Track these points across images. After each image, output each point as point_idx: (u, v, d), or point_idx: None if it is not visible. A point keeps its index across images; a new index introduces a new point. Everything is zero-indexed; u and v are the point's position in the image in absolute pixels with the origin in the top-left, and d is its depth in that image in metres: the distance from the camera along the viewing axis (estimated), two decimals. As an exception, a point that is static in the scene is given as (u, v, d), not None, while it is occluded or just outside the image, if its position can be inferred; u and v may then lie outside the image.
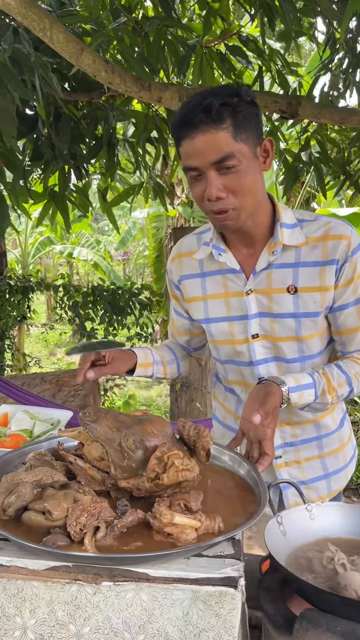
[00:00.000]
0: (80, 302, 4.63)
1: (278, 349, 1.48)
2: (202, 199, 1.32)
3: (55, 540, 1.01)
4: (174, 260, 1.61)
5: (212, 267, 1.52)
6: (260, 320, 1.47)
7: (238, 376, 1.57)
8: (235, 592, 0.95)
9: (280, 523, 1.24)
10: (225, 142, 1.25)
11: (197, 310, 1.57)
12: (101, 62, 2.36)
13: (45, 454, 1.31)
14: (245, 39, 3.48)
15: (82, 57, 2.33)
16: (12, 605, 1.00)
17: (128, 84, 2.43)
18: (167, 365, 1.68)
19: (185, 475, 1.11)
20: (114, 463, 1.16)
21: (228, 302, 1.50)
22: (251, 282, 1.46)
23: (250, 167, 1.30)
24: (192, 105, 1.27)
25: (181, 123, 1.28)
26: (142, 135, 4.16)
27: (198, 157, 1.27)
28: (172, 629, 0.98)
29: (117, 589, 0.98)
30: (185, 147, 1.29)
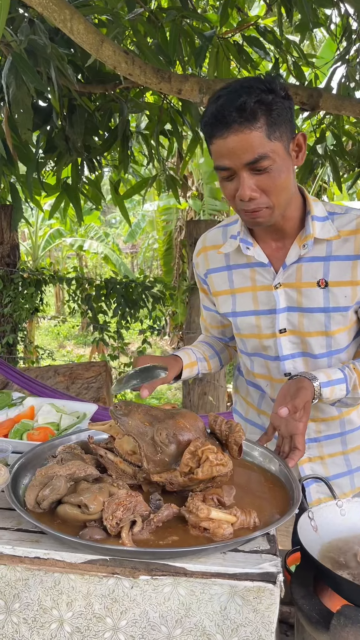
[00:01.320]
0: (93, 295, 4.63)
1: (306, 344, 1.46)
2: (234, 197, 1.30)
3: (92, 533, 1.01)
4: (199, 254, 1.59)
5: (239, 261, 1.50)
6: (288, 315, 1.45)
7: (264, 370, 1.56)
8: (274, 587, 0.95)
9: (312, 519, 1.24)
10: (259, 143, 1.21)
11: (224, 303, 1.56)
12: (121, 54, 2.34)
13: (74, 447, 1.31)
14: (263, 29, 3.45)
15: (102, 49, 2.31)
16: (49, 598, 1.01)
17: (148, 75, 2.41)
18: (210, 360, 1.67)
19: (219, 470, 1.10)
20: (146, 457, 1.16)
21: (256, 296, 1.48)
22: (280, 275, 1.43)
23: (284, 165, 1.26)
24: (224, 103, 1.22)
25: (213, 121, 1.24)
26: (156, 127, 4.13)
27: (231, 157, 1.23)
28: (209, 624, 0.98)
29: (155, 583, 0.98)
30: (217, 147, 1.25)
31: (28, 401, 1.64)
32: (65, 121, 4.00)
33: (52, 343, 10.74)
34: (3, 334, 4.75)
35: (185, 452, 1.13)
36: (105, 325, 4.78)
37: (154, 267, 13.59)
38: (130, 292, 4.58)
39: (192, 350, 1.64)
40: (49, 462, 1.25)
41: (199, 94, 2.49)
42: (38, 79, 3.04)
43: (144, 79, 2.44)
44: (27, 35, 3.00)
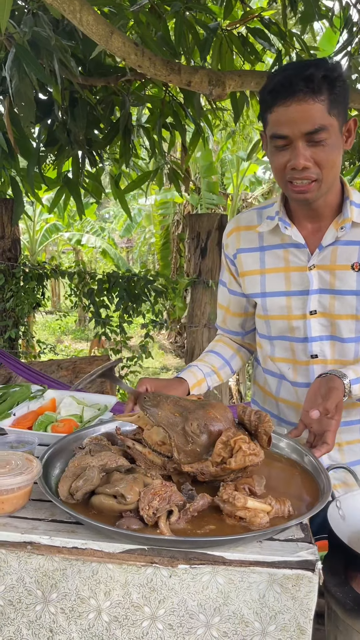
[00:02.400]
0: (95, 289, 4.61)
1: (335, 326, 1.47)
2: (284, 168, 1.32)
3: (129, 523, 1.01)
4: (230, 234, 1.60)
5: (272, 241, 1.51)
6: (320, 297, 1.47)
7: (287, 353, 1.56)
8: (312, 575, 0.96)
9: (339, 507, 1.25)
10: (320, 115, 1.25)
11: (252, 284, 1.56)
12: (131, 45, 2.33)
13: (101, 438, 1.31)
14: (268, 21, 3.43)
15: (112, 40, 2.30)
16: (87, 588, 1.01)
17: (157, 67, 2.40)
18: (220, 371, 1.67)
19: (252, 459, 1.11)
20: (177, 447, 1.16)
21: (288, 277, 1.49)
22: (315, 257, 1.45)
23: (337, 142, 1.31)
24: (291, 73, 1.26)
25: (278, 89, 1.27)
26: (158, 120, 4.11)
27: (290, 126, 1.26)
28: (247, 611, 0.98)
29: (193, 572, 0.98)
30: (278, 115, 1.28)
31: (48, 394, 1.63)
32: (66, 114, 3.97)
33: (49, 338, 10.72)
34: (5, 329, 4.73)
35: (217, 442, 1.13)
36: (107, 320, 4.77)
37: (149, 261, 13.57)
38: (133, 286, 4.57)
39: (198, 366, 1.63)
40: (76, 453, 1.25)
41: (208, 86, 2.48)
42: (42, 71, 3.01)
43: (154, 71, 2.43)
44: (31, 27, 2.98)
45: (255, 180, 10.42)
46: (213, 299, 4.64)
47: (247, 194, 10.11)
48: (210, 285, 4.53)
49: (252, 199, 9.84)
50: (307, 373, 1.54)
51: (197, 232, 4.58)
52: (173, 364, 9.47)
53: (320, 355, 1.50)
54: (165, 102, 4.07)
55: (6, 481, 1.04)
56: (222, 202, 9.26)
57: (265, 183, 10.25)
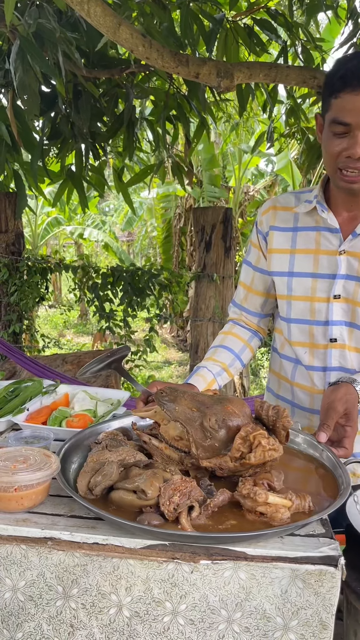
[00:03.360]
0: (99, 283, 4.60)
1: (355, 314, 1.49)
2: (338, 155, 1.34)
3: (150, 519, 1.01)
4: (266, 212, 1.63)
5: (307, 223, 1.54)
6: (345, 282, 1.49)
7: (305, 336, 1.57)
8: (335, 570, 0.95)
9: (357, 502, 1.24)
10: None
11: (279, 262, 1.58)
12: (139, 37, 2.31)
13: (116, 433, 1.30)
14: (274, 12, 3.40)
15: (119, 32, 2.28)
16: (108, 583, 1.01)
17: (165, 59, 2.38)
18: (230, 367, 1.67)
19: (271, 454, 1.10)
20: (195, 443, 1.15)
21: (317, 259, 1.52)
22: (347, 242, 1.48)
23: None
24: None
25: (348, 75, 1.28)
26: (162, 113, 4.09)
27: (355, 114, 1.28)
28: (269, 607, 0.98)
29: (215, 568, 0.98)
30: (344, 101, 1.29)
31: (61, 388, 1.63)
32: (70, 107, 3.94)
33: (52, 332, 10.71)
34: (9, 323, 4.72)
35: (236, 437, 1.12)
36: (111, 314, 4.75)
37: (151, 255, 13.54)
38: (137, 280, 4.56)
39: (207, 367, 1.63)
40: (93, 448, 1.25)
41: (217, 78, 2.46)
42: (46, 63, 2.99)
43: (162, 63, 2.41)
44: (36, 19, 2.95)
45: (257, 173, 10.38)
46: (218, 293, 4.63)
47: (249, 186, 10.07)
48: (214, 279, 4.52)
49: (254, 191, 9.80)
50: (324, 357, 1.55)
51: (202, 226, 4.56)
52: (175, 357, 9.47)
53: (340, 340, 1.52)
54: (169, 94, 4.04)
55: (26, 477, 1.04)
56: (224, 195, 9.22)
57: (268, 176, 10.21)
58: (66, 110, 3.98)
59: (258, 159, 9.52)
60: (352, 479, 1.54)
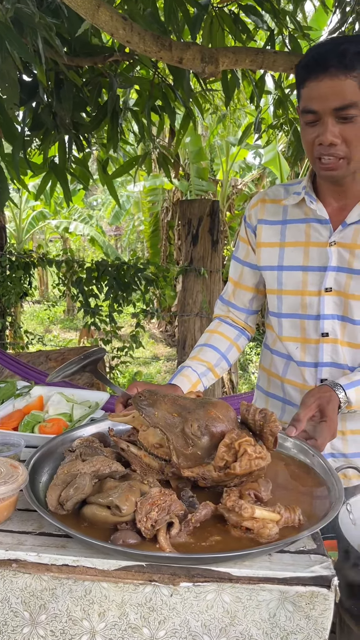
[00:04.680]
0: (84, 278, 4.49)
1: (347, 307, 1.44)
2: (313, 144, 1.31)
3: (125, 537, 0.92)
4: (255, 205, 1.59)
5: (296, 215, 1.50)
6: (336, 275, 1.44)
7: (297, 331, 1.52)
8: (328, 592, 0.87)
9: (350, 511, 1.17)
10: (351, 91, 1.24)
11: (269, 256, 1.53)
12: (119, 19, 2.20)
13: (92, 440, 1.21)
14: (260, -3, 3.30)
15: (98, 14, 2.16)
16: (79, 609, 0.92)
17: (147, 43, 2.27)
18: (216, 367, 1.60)
19: (258, 463, 1.02)
20: (176, 450, 1.07)
21: (307, 252, 1.47)
22: (337, 233, 1.43)
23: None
24: (325, 49, 1.26)
25: (311, 63, 1.27)
26: (147, 103, 3.97)
27: (321, 101, 1.26)
28: (256, 632, 0.90)
29: (197, 590, 0.89)
30: (309, 90, 1.27)
31: (35, 391, 1.53)
32: (52, 96, 3.82)
33: (37, 328, 10.56)
34: (-9, 319, 4.60)
35: (220, 445, 1.04)
36: (96, 309, 4.65)
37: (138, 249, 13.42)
38: (122, 275, 4.45)
39: (192, 367, 1.56)
40: (66, 457, 1.16)
41: (201, 63, 2.36)
42: (25, 50, 2.87)
43: (143, 47, 2.30)
44: (14, 4, 2.83)
45: (245, 166, 10.28)
46: (205, 288, 4.53)
47: (237, 180, 9.96)
48: (202, 274, 4.42)
49: (242, 185, 9.69)
50: (316, 352, 1.50)
51: (189, 219, 4.46)
52: (164, 353, 9.37)
53: (332, 334, 1.47)
54: (154, 83, 3.93)
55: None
56: (211, 189, 9.10)
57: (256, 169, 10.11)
58: (48, 100, 3.85)
59: (246, 151, 9.42)
60: (347, 480, 1.47)
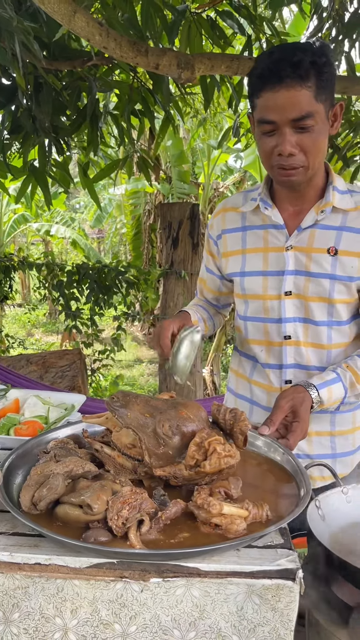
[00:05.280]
0: (64, 281, 4.49)
1: (308, 309, 1.48)
2: (271, 153, 1.33)
3: (96, 535, 0.94)
4: (217, 215, 1.63)
5: (254, 222, 1.54)
6: (295, 278, 1.47)
7: (261, 335, 1.56)
8: (293, 584, 0.90)
9: (319, 507, 1.20)
10: (307, 101, 1.25)
11: (233, 264, 1.57)
12: (95, 25, 2.22)
13: (67, 441, 1.23)
14: (237, 4, 3.35)
15: (74, 20, 2.19)
16: (52, 606, 0.93)
17: (124, 48, 2.30)
18: (207, 321, 1.72)
19: (227, 461, 1.05)
20: (148, 450, 1.09)
21: (266, 257, 1.51)
22: (293, 238, 1.46)
23: (323, 128, 1.31)
24: (279, 58, 1.25)
25: (266, 74, 1.26)
26: (127, 107, 4.00)
27: (278, 111, 1.26)
28: (225, 625, 0.92)
29: (167, 586, 0.92)
30: (265, 100, 1.28)
31: (11, 394, 1.54)
32: (31, 100, 3.82)
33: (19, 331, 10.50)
34: (-29, 323, 4.57)
35: (190, 444, 1.06)
36: (77, 312, 4.65)
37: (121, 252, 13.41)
38: (104, 278, 4.46)
39: (192, 310, 1.68)
40: (41, 458, 1.17)
41: (177, 69, 2.39)
42: (4, 53, 2.88)
43: (120, 53, 2.32)
44: (-9, 7, 2.83)
45: (226, 169, 10.34)
46: (186, 290, 4.57)
47: (219, 183, 10.03)
48: (182, 276, 4.46)
49: (223, 188, 9.76)
50: (280, 354, 1.54)
51: (169, 222, 4.49)
52: (146, 355, 9.38)
53: (294, 337, 1.51)
54: (133, 87, 3.95)
55: None
56: (193, 192, 9.15)
57: (237, 172, 10.18)
58: (27, 104, 3.86)
59: (227, 155, 9.48)
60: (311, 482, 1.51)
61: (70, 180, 4.77)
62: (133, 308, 4.85)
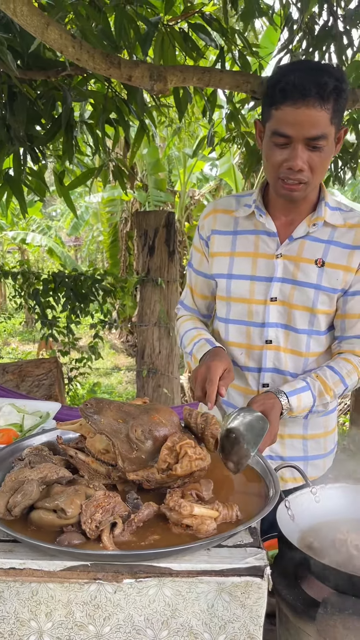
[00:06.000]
0: (40, 289, 4.48)
1: (291, 316, 1.52)
2: (279, 165, 1.37)
3: (70, 539, 0.96)
4: (208, 216, 1.65)
5: (246, 227, 1.57)
6: (281, 285, 1.52)
7: (242, 337, 1.59)
8: (261, 581, 0.94)
9: (289, 508, 1.24)
10: (324, 123, 1.31)
11: (220, 264, 1.60)
12: (68, 37, 2.25)
13: (41, 448, 1.25)
14: (209, 17, 3.41)
15: (47, 32, 2.21)
16: (27, 610, 0.95)
17: (97, 60, 2.33)
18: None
19: (198, 464, 1.08)
20: (121, 455, 1.11)
21: (255, 262, 1.55)
22: (284, 246, 1.51)
23: (331, 150, 1.37)
24: (306, 77, 1.28)
25: (289, 89, 1.29)
26: (101, 116, 4.03)
27: (296, 127, 1.30)
28: (196, 623, 0.95)
29: (139, 586, 0.94)
30: (284, 114, 1.31)
31: (-14, 402, 1.55)
32: (5, 109, 3.83)
33: (-5, 340, 10.40)
34: None
35: (162, 448, 1.09)
36: (54, 321, 4.64)
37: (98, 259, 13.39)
38: (80, 286, 4.47)
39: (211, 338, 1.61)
40: (15, 465, 1.19)
41: (149, 81, 2.43)
42: (-24, 63, 2.89)
43: (93, 65, 2.35)
44: (-36, 18, 2.85)
45: (202, 177, 10.43)
46: (163, 297, 4.60)
47: (195, 191, 10.10)
48: (159, 284, 4.48)
49: (199, 196, 9.84)
50: (259, 358, 1.58)
51: (145, 230, 4.52)
52: (125, 363, 9.37)
53: (275, 342, 1.55)
54: (107, 97, 3.99)
55: None
56: (170, 199, 9.21)
57: (212, 180, 10.28)
58: (1, 113, 3.86)
59: (203, 163, 9.57)
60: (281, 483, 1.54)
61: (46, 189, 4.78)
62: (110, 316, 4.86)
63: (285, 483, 1.57)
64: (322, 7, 3.42)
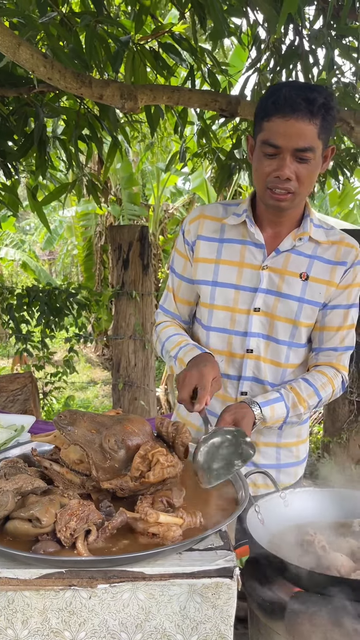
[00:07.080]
0: (14, 304, 4.48)
1: (273, 327, 1.57)
2: (268, 175, 1.43)
3: (45, 547, 0.99)
4: (194, 221, 1.66)
5: (233, 235, 1.60)
6: (265, 297, 1.56)
7: (223, 345, 1.62)
8: (231, 582, 0.97)
9: (258, 512, 1.28)
10: (312, 136, 1.38)
11: (204, 271, 1.62)
12: (40, 57, 2.30)
13: (17, 460, 1.27)
14: (179, 37, 3.50)
15: (19, 52, 2.26)
16: (3, 618, 0.97)
17: (68, 80, 2.38)
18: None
19: (170, 471, 1.12)
20: (95, 465, 1.15)
21: (241, 272, 1.58)
22: (270, 259, 1.56)
23: (317, 164, 1.43)
24: (295, 92, 1.36)
25: (280, 102, 1.36)
26: (74, 132, 4.08)
27: (285, 138, 1.37)
28: (169, 625, 0.98)
29: (113, 591, 0.97)
30: (275, 125, 1.38)
31: None
32: (-23, 125, 3.85)
33: (-31, 356, 10.26)
34: None
35: (135, 456, 1.13)
36: (28, 335, 4.63)
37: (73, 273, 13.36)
38: (54, 300, 4.47)
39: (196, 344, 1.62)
40: (-9, 478, 1.21)
41: (120, 100, 2.49)
42: None
43: (64, 84, 2.40)
44: None
45: (175, 191, 10.54)
46: (137, 310, 4.63)
47: (169, 204, 10.20)
48: (134, 297, 4.52)
49: (173, 209, 9.94)
50: (240, 366, 1.61)
51: (119, 244, 4.56)
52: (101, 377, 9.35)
53: (256, 351, 1.58)
54: (80, 114, 4.04)
55: None
56: (144, 213, 9.28)
57: (186, 194, 10.40)
58: (-26, 129, 3.88)
59: (176, 177, 9.69)
60: (253, 489, 1.58)
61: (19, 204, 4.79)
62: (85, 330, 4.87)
63: (257, 489, 1.61)
64: (288, 27, 3.52)
